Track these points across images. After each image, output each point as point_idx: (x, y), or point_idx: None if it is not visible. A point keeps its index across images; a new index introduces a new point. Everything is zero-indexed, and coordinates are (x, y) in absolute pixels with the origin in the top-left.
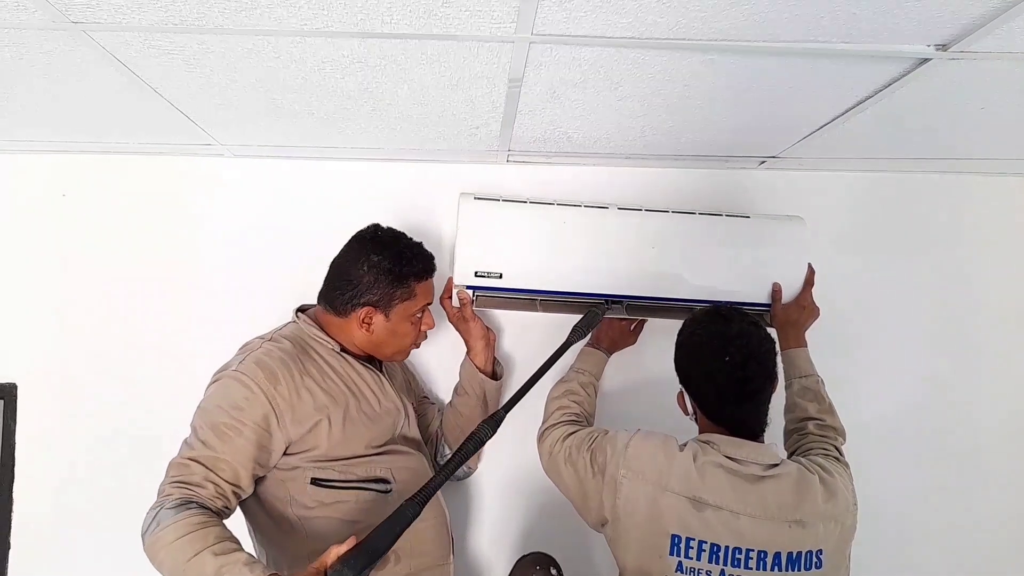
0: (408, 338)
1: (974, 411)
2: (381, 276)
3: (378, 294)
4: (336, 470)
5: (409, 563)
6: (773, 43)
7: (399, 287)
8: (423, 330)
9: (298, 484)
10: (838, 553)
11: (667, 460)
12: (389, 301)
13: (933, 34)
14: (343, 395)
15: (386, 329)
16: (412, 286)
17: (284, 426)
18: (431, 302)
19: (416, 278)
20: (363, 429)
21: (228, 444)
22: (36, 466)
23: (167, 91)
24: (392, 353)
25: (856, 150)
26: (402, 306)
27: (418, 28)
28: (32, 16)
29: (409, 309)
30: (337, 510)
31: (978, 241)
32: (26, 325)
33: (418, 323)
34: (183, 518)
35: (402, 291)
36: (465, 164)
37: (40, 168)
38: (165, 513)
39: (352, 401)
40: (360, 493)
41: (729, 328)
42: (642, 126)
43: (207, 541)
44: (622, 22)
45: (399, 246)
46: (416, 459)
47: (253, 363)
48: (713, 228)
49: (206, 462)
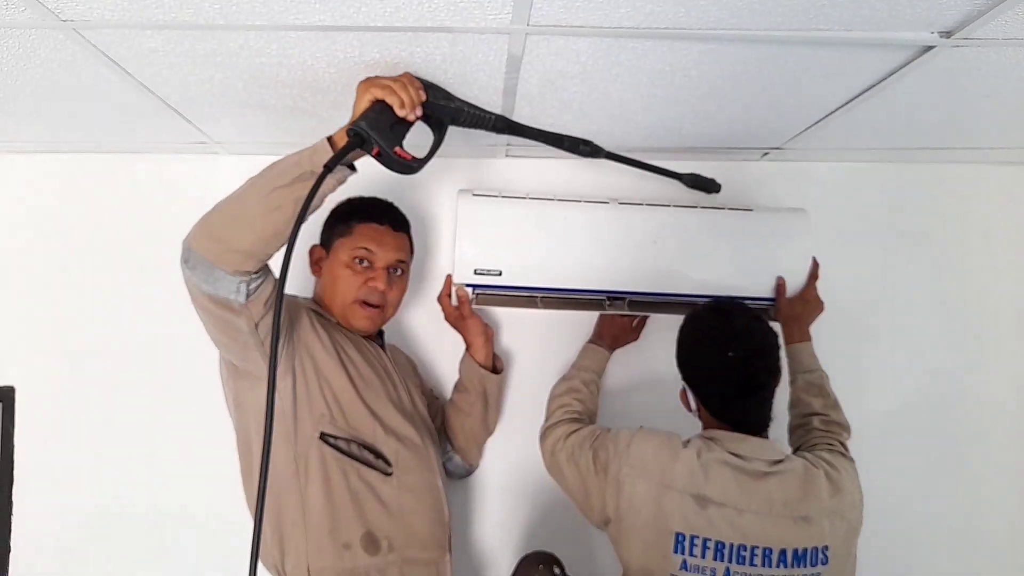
0: (346, 284)
1: (981, 405)
2: (331, 216)
3: (326, 232)
4: (341, 426)
5: (402, 553)
6: (774, 31)
7: (340, 223)
8: (369, 284)
9: (308, 439)
10: (844, 549)
11: (670, 457)
12: (330, 239)
13: (936, 21)
14: (338, 353)
15: (329, 271)
16: (352, 224)
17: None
18: (375, 251)
19: (359, 218)
20: (363, 377)
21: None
22: (35, 469)
23: (159, 89)
24: (339, 306)
25: (860, 140)
26: (339, 243)
27: (413, 21)
28: (22, 14)
29: (345, 247)
30: (338, 482)
31: (984, 231)
32: (24, 328)
33: (361, 274)
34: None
35: (341, 227)
36: (464, 159)
37: (33, 168)
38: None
39: (354, 354)
40: (360, 468)
41: (731, 323)
42: (642, 118)
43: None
44: (619, 12)
45: (362, 196)
46: (423, 453)
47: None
48: (715, 222)
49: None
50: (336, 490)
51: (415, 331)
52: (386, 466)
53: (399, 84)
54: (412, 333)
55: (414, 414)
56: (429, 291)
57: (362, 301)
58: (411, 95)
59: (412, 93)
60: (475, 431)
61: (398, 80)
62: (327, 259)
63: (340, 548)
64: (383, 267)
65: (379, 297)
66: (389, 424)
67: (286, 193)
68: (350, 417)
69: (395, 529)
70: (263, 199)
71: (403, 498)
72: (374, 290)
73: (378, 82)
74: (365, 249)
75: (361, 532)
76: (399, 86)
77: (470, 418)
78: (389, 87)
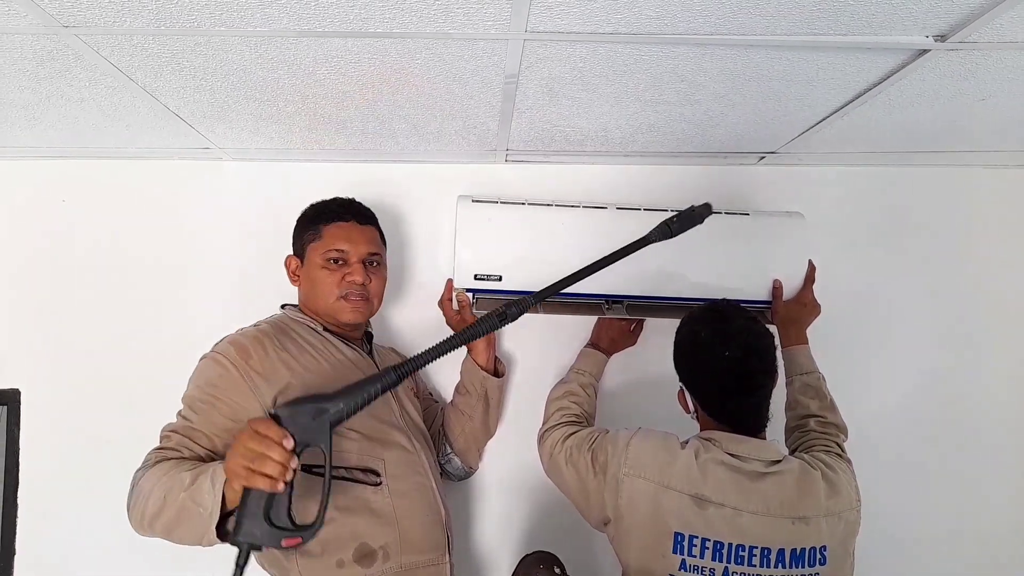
0: (325, 285)
1: (978, 407)
2: (298, 225)
3: (297, 243)
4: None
5: (399, 560)
6: (770, 36)
7: (308, 230)
8: (346, 279)
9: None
10: (842, 549)
11: (669, 458)
12: (302, 246)
13: (931, 24)
14: (321, 369)
15: (307, 277)
16: (319, 227)
17: (261, 395)
18: (347, 250)
19: (324, 220)
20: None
21: (202, 416)
22: (40, 471)
23: (162, 95)
24: (324, 309)
25: (856, 144)
26: (311, 248)
27: (412, 27)
28: (23, 21)
29: (318, 251)
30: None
31: (980, 234)
32: (29, 330)
33: (337, 272)
34: (157, 466)
35: (310, 232)
36: (463, 164)
37: (39, 174)
38: (140, 472)
39: (327, 369)
40: (348, 486)
41: (728, 324)
42: (639, 123)
43: (181, 466)
44: (616, 18)
45: (322, 200)
46: (413, 458)
47: (227, 343)
48: (713, 226)
49: (183, 432)
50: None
51: (417, 335)
52: (375, 478)
53: (258, 459)
54: (414, 337)
55: (403, 421)
56: (431, 296)
57: (345, 296)
58: (276, 464)
59: (277, 459)
60: (476, 433)
61: (254, 451)
62: (303, 266)
63: (333, 567)
64: (357, 261)
65: (360, 290)
66: (374, 436)
67: (182, 522)
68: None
69: (390, 537)
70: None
71: (396, 504)
72: (353, 283)
73: (236, 468)
74: (336, 250)
75: (354, 546)
76: (258, 461)
77: (471, 420)
78: (249, 471)
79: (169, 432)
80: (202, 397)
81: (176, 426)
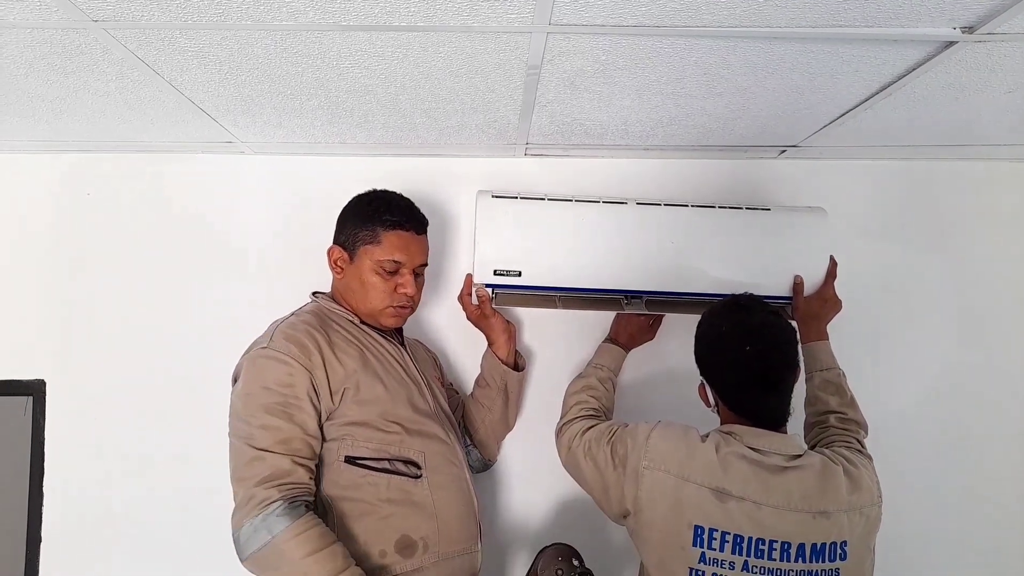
0: (377, 293)
1: (999, 403)
2: (350, 216)
3: (346, 233)
4: (369, 447)
5: (437, 551)
6: (794, 28)
7: (363, 228)
8: (399, 291)
9: (331, 463)
10: (862, 545)
11: (689, 451)
12: (354, 242)
13: (958, 16)
14: (364, 359)
15: (355, 276)
16: (377, 231)
17: (324, 396)
18: (404, 262)
19: (384, 226)
20: (382, 392)
21: (292, 421)
22: (65, 461)
23: (187, 88)
24: (368, 310)
25: (879, 138)
26: (365, 250)
27: (437, 20)
28: (53, 15)
29: (373, 255)
30: (368, 493)
31: (1005, 230)
32: (54, 322)
33: (390, 281)
34: (303, 528)
35: (366, 233)
36: (483, 158)
37: (64, 168)
38: (276, 521)
39: (374, 362)
40: (391, 478)
41: (750, 318)
42: (660, 116)
43: (336, 563)
44: (640, 10)
45: (378, 194)
46: (449, 450)
47: (283, 338)
48: (733, 221)
49: (280, 448)
50: (367, 505)
51: (437, 328)
52: (416, 470)
53: None
54: (434, 330)
55: (437, 411)
56: (450, 290)
57: (393, 304)
58: None
59: None
60: (495, 426)
61: None
62: (351, 264)
63: (376, 557)
64: (410, 272)
65: (409, 301)
66: (413, 428)
67: None
68: (372, 434)
69: (430, 529)
70: None
71: (436, 497)
72: (404, 295)
73: None
74: (394, 261)
75: (396, 537)
76: None
77: (491, 413)
78: None
79: (262, 451)
80: (282, 400)
81: (267, 442)
